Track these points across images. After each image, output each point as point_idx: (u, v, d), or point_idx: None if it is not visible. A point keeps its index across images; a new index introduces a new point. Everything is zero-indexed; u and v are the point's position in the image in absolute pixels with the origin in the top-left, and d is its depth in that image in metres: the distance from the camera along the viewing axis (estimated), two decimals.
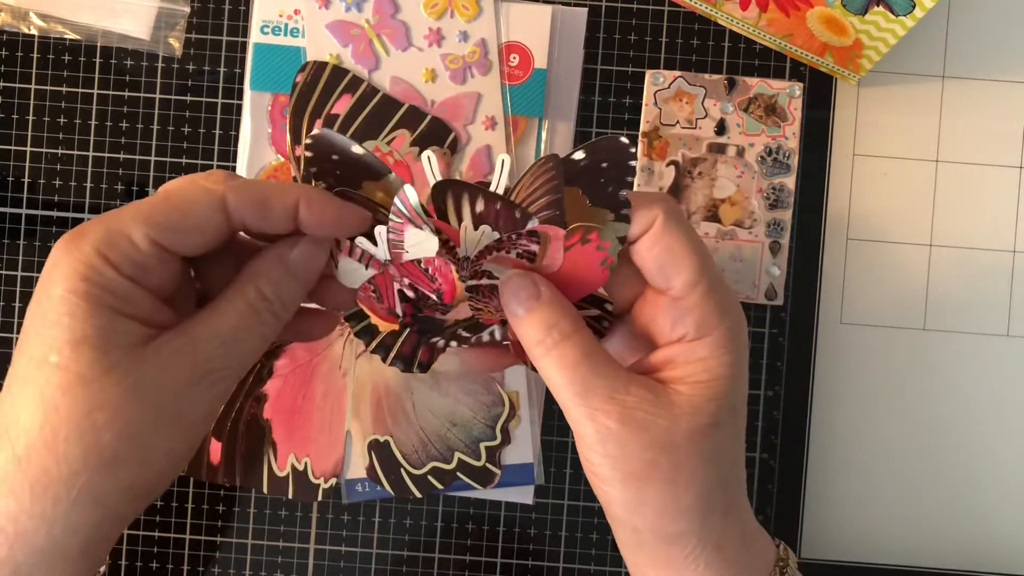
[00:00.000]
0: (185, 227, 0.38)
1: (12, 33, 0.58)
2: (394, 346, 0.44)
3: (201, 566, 0.57)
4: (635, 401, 0.39)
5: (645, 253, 0.40)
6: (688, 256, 0.39)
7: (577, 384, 0.39)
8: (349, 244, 0.41)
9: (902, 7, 0.47)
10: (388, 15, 0.56)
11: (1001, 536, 0.58)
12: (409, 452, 0.56)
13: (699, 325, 0.40)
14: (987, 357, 0.58)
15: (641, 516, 0.39)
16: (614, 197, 0.39)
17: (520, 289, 0.40)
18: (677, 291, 0.40)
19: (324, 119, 0.55)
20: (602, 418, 0.38)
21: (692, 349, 0.40)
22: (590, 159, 0.39)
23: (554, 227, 0.40)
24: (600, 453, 0.39)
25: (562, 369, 0.39)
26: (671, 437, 0.38)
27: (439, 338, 0.43)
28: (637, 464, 0.38)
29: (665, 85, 0.57)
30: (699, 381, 0.39)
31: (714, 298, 0.40)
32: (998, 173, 0.58)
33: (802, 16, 0.52)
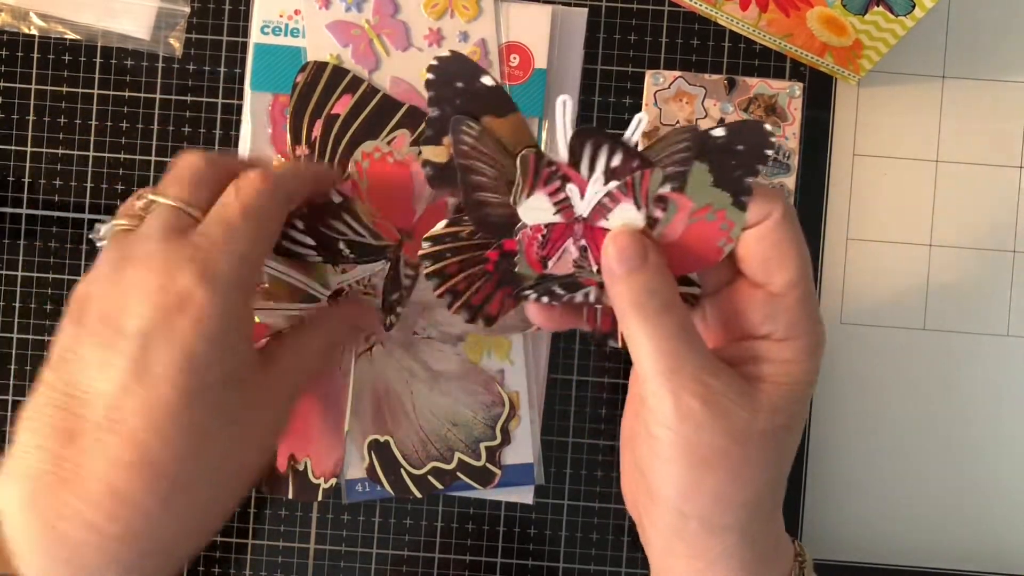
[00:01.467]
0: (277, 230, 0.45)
1: (12, 33, 0.58)
2: (465, 293, 0.44)
3: (201, 566, 0.57)
4: (722, 387, 0.38)
5: (753, 244, 0.39)
6: (794, 257, 0.39)
7: (668, 356, 0.38)
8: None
9: (902, 7, 0.47)
10: (388, 15, 0.56)
11: (1001, 536, 0.58)
12: (409, 452, 0.56)
13: (790, 326, 0.39)
14: (987, 357, 0.58)
15: (693, 502, 0.39)
16: (739, 182, 0.39)
17: (627, 247, 0.39)
18: (777, 288, 0.40)
19: (324, 119, 0.55)
20: (687, 396, 0.38)
21: (779, 349, 0.40)
22: (728, 139, 0.39)
23: (685, 198, 0.39)
24: (674, 431, 0.38)
25: (656, 338, 0.38)
26: (748, 430, 0.38)
27: (531, 291, 0.43)
28: (708, 450, 0.38)
29: (665, 85, 0.57)
30: (781, 383, 0.39)
31: (808, 304, 0.40)
32: (998, 173, 0.58)
33: (802, 16, 0.52)
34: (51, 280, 0.58)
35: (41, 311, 0.58)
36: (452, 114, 0.41)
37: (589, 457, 0.57)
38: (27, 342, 0.57)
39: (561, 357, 0.57)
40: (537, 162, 0.40)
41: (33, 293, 0.58)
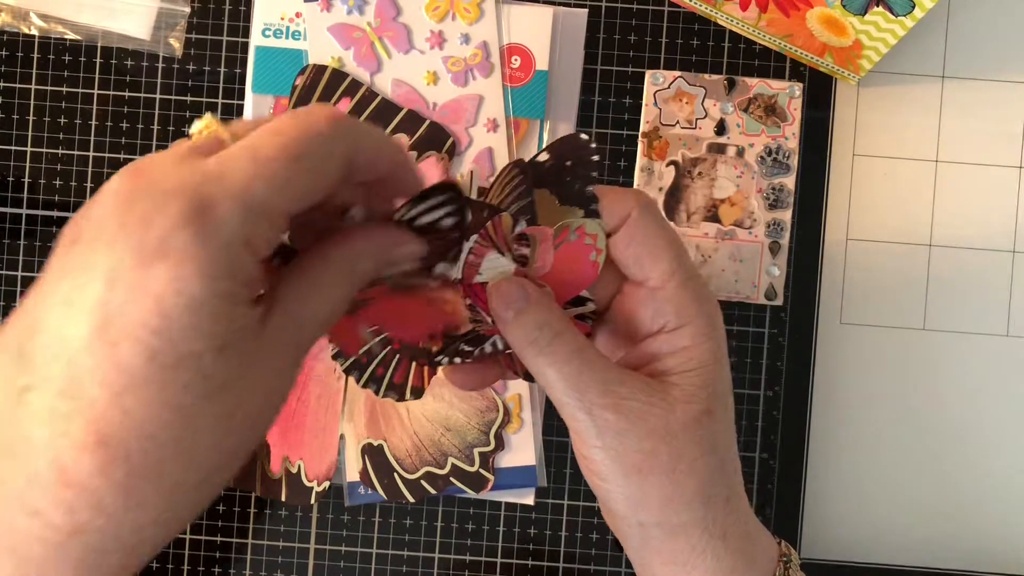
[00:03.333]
0: (318, 192, 0.34)
1: (12, 33, 0.58)
2: (385, 376, 0.43)
3: (201, 566, 0.57)
4: (630, 392, 0.39)
5: (622, 247, 0.40)
6: (664, 247, 0.40)
7: (571, 379, 0.39)
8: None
9: (902, 7, 0.47)
10: (390, 18, 0.56)
11: (1001, 536, 0.58)
12: (403, 456, 0.56)
13: (678, 313, 0.40)
14: (987, 357, 0.58)
15: (645, 509, 0.39)
16: (581, 194, 0.40)
17: (508, 293, 0.40)
18: (655, 281, 0.40)
19: None
20: (599, 411, 0.38)
21: (673, 339, 0.40)
22: (555, 160, 0.40)
23: (541, 228, 0.40)
24: (599, 447, 0.39)
25: (556, 366, 0.39)
26: (668, 426, 0.39)
27: (442, 356, 0.41)
28: (637, 456, 0.38)
29: (665, 85, 0.57)
30: (686, 371, 0.40)
31: (691, 287, 0.40)
32: (998, 173, 0.58)
33: (802, 16, 0.52)
34: None
35: None
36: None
37: None
38: None
39: None
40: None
41: None
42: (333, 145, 0.34)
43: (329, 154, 0.34)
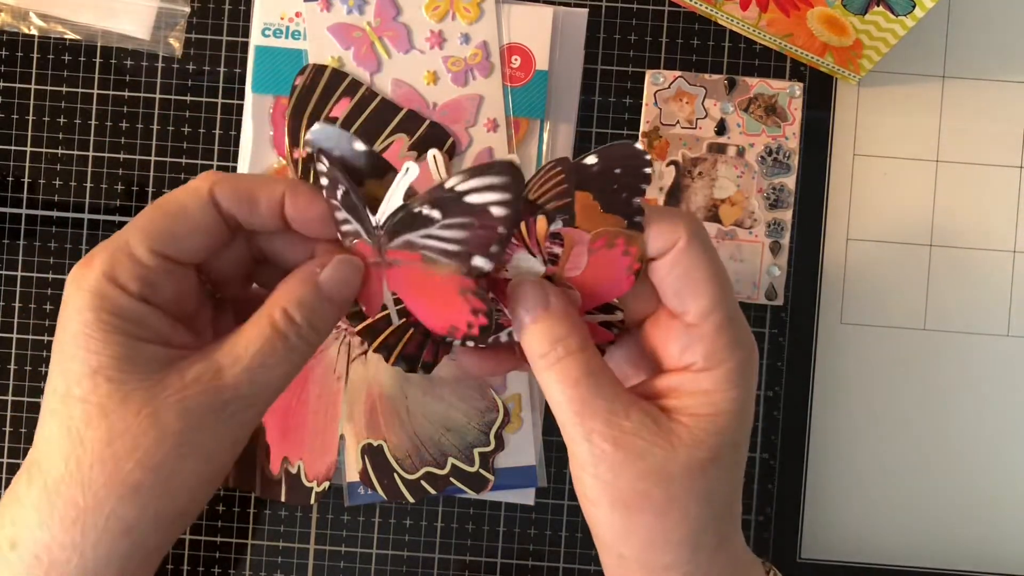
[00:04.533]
0: (181, 230, 0.38)
1: (12, 33, 0.58)
2: (397, 345, 0.42)
3: (201, 566, 0.57)
4: (633, 427, 0.37)
5: (664, 273, 0.39)
6: (707, 283, 0.38)
7: (576, 402, 0.37)
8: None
9: (902, 7, 0.47)
10: (390, 17, 0.56)
11: (1002, 536, 0.58)
12: (402, 457, 0.56)
13: (708, 356, 0.38)
14: (987, 357, 0.58)
15: (628, 544, 0.38)
16: (627, 204, 0.38)
17: (528, 297, 0.39)
18: (692, 318, 0.39)
19: (323, 122, 0.55)
20: (598, 440, 0.37)
21: (698, 380, 0.39)
22: (603, 164, 0.38)
23: (579, 231, 0.38)
24: (592, 475, 0.38)
25: (563, 385, 0.38)
26: (667, 469, 0.37)
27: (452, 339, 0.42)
28: (629, 493, 0.37)
29: (665, 85, 0.57)
30: (702, 414, 0.38)
31: (728, 331, 0.39)
32: (999, 173, 0.58)
33: (802, 16, 0.52)
34: (51, 280, 0.58)
35: (41, 311, 0.57)
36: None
37: None
38: (27, 342, 0.57)
39: None
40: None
41: (33, 293, 0.58)
42: (197, 187, 0.39)
43: (193, 193, 0.39)
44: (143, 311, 0.37)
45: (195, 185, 0.39)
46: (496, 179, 0.35)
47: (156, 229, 0.38)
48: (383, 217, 0.38)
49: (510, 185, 0.35)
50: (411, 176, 0.38)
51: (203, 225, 0.39)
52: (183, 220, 0.38)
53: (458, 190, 0.36)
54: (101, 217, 0.58)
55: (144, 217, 0.38)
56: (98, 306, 0.37)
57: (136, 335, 0.37)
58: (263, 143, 0.56)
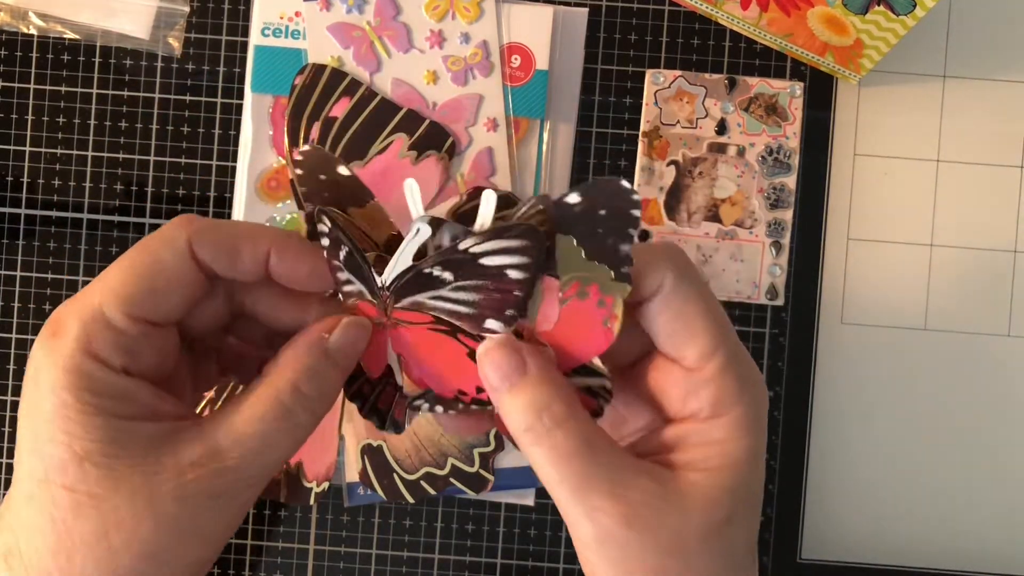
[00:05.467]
0: (160, 288, 0.34)
1: (11, 33, 0.58)
2: (370, 397, 0.40)
3: None
4: (641, 497, 0.33)
5: (653, 318, 0.35)
6: (702, 323, 0.35)
7: (573, 479, 0.33)
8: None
9: (903, 6, 0.47)
10: (389, 17, 0.56)
11: (1002, 536, 0.58)
12: (402, 457, 0.56)
13: (715, 403, 0.35)
14: (987, 357, 0.58)
15: None
16: (614, 252, 0.33)
17: (501, 362, 0.34)
18: (691, 362, 0.35)
19: (322, 122, 0.55)
20: (603, 518, 0.33)
21: (707, 430, 0.35)
22: (586, 204, 0.33)
23: (548, 278, 0.34)
24: (598, 555, 0.34)
25: (556, 462, 0.33)
26: (681, 538, 0.34)
27: (420, 401, 0.38)
28: (640, 570, 0.34)
29: (665, 85, 0.57)
30: (713, 468, 0.35)
31: (733, 372, 0.35)
32: (999, 173, 0.58)
33: (803, 16, 0.52)
34: (51, 280, 0.58)
35: (41, 311, 0.57)
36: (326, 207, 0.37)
37: None
38: (27, 342, 0.57)
39: None
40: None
41: (33, 293, 0.57)
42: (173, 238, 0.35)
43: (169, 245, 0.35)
44: (127, 385, 0.34)
45: (171, 235, 0.35)
46: (515, 243, 0.33)
47: (132, 290, 0.34)
48: (390, 278, 0.36)
49: (530, 249, 0.33)
50: (422, 237, 0.35)
51: (183, 281, 0.35)
52: (161, 278, 0.34)
53: (472, 252, 0.33)
54: (101, 217, 0.57)
55: (116, 276, 0.34)
56: (77, 385, 0.33)
57: (122, 414, 0.34)
58: (263, 143, 0.56)
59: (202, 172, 0.58)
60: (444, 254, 0.34)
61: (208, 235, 0.35)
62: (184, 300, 0.35)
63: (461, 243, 0.33)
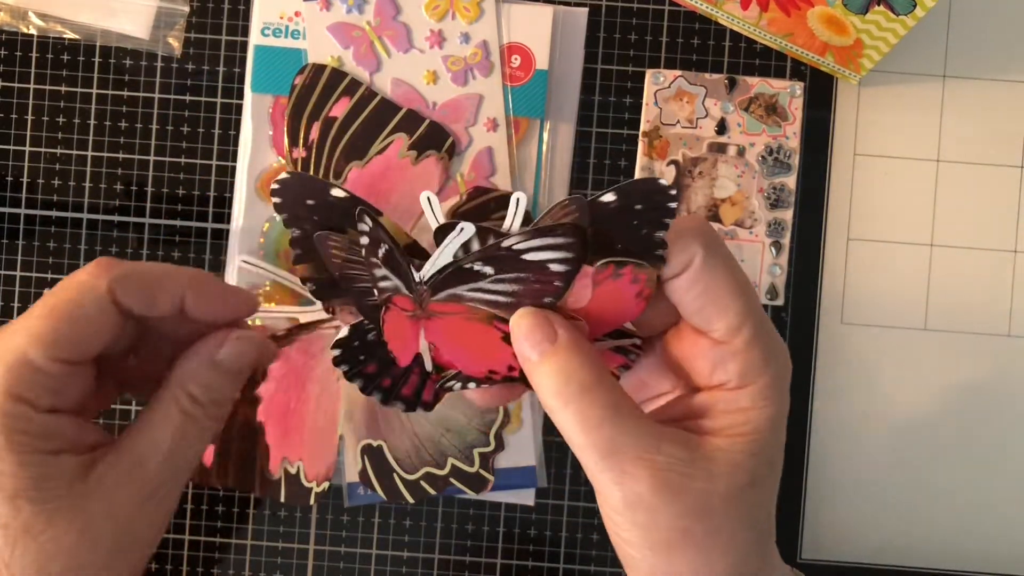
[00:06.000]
0: (81, 334, 0.37)
1: (11, 33, 0.58)
2: (393, 388, 0.41)
3: (201, 566, 0.57)
4: (667, 461, 0.35)
5: (683, 293, 0.36)
6: (731, 297, 0.36)
7: (601, 444, 0.34)
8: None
9: (903, 6, 0.47)
10: (389, 17, 0.56)
11: (1002, 536, 0.58)
12: (402, 457, 0.56)
13: (743, 373, 0.36)
14: (988, 357, 0.58)
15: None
16: (649, 239, 0.35)
17: (533, 330, 0.36)
18: (720, 335, 0.36)
19: (322, 121, 0.55)
20: (631, 483, 0.34)
21: (734, 398, 0.36)
22: (622, 202, 0.35)
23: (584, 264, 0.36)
24: (627, 519, 0.35)
25: (583, 427, 0.35)
26: (708, 501, 0.35)
27: (452, 382, 0.40)
28: (668, 532, 0.35)
29: (665, 85, 0.57)
30: (739, 434, 0.36)
31: (759, 343, 0.36)
32: (999, 173, 0.58)
33: (803, 15, 0.52)
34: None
35: None
36: (312, 231, 0.39)
37: None
38: None
39: None
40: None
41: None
42: (94, 286, 0.37)
43: (90, 292, 0.37)
44: (53, 422, 0.36)
45: (91, 282, 0.37)
46: (559, 240, 0.34)
47: (55, 336, 0.36)
48: (428, 273, 0.37)
49: (574, 245, 0.34)
50: (464, 236, 0.36)
51: (104, 324, 0.37)
52: (83, 322, 0.36)
53: (516, 249, 0.34)
54: (101, 217, 0.58)
55: (40, 321, 0.36)
56: (7, 426, 0.35)
57: (50, 449, 0.36)
58: (262, 142, 0.56)
59: (202, 172, 0.58)
60: (486, 251, 0.35)
61: (128, 281, 0.37)
62: (104, 340, 0.37)
63: (504, 241, 0.35)
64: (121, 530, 0.37)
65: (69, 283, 0.37)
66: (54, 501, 0.35)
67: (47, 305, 0.37)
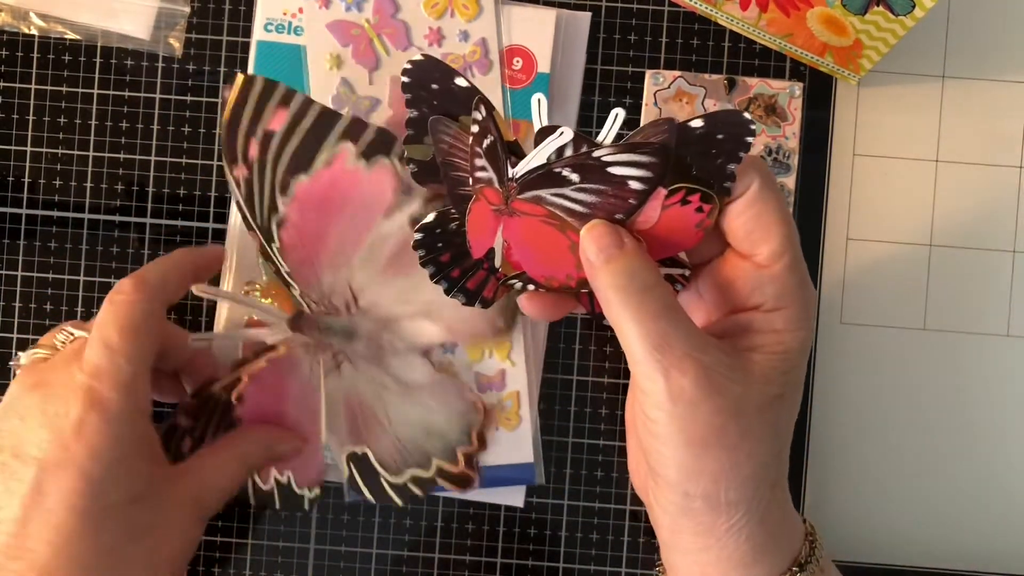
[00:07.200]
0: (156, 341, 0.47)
1: (12, 33, 0.58)
2: (460, 280, 0.45)
3: (201, 566, 0.57)
4: (712, 362, 0.38)
5: (735, 218, 0.39)
6: (778, 225, 0.39)
7: (655, 336, 0.37)
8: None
9: (902, 7, 0.47)
10: (388, 15, 0.56)
11: (1001, 536, 0.58)
12: (387, 461, 0.55)
13: (779, 296, 0.40)
14: (987, 357, 0.58)
15: (695, 481, 0.38)
16: (722, 169, 0.38)
17: (602, 236, 0.39)
18: (762, 259, 0.40)
19: (261, 138, 0.51)
20: (677, 375, 0.37)
21: (769, 319, 0.40)
22: (708, 128, 0.38)
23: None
24: (667, 411, 0.38)
25: (641, 319, 0.37)
26: (741, 404, 0.38)
27: (515, 280, 0.43)
28: (705, 428, 0.38)
29: (665, 85, 0.57)
30: (773, 352, 0.39)
31: (797, 271, 0.40)
32: (998, 173, 0.58)
33: (802, 16, 0.52)
34: (51, 280, 0.58)
35: (41, 311, 0.58)
36: (430, 115, 0.42)
37: (589, 457, 0.57)
38: (27, 342, 0.57)
39: (561, 357, 0.57)
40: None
41: (33, 293, 0.58)
42: (151, 302, 0.46)
43: (152, 308, 0.46)
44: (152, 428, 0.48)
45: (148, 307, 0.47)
46: (646, 158, 0.36)
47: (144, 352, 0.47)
48: (521, 171, 0.39)
49: (656, 165, 0.37)
50: (564, 139, 0.38)
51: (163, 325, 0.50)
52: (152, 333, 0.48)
53: (604, 160, 0.37)
54: (101, 217, 0.58)
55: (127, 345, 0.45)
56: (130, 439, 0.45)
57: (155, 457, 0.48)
58: None
59: (202, 172, 0.58)
60: (577, 158, 0.38)
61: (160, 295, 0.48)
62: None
63: (595, 151, 0.37)
64: (192, 531, 0.48)
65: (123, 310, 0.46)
66: (160, 501, 0.46)
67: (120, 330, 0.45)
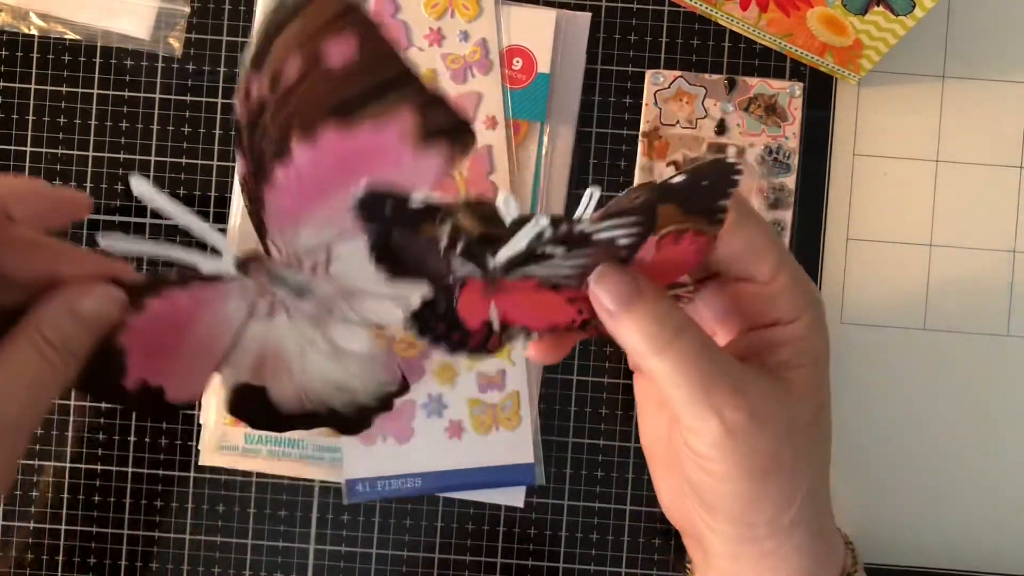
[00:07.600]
0: None
1: (12, 33, 0.58)
2: (461, 344, 0.43)
3: (201, 566, 0.57)
4: (759, 392, 0.37)
5: (723, 247, 0.39)
6: (766, 244, 0.39)
7: (698, 379, 0.36)
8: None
9: (902, 7, 0.47)
10: (388, 14, 0.56)
11: (1001, 536, 0.58)
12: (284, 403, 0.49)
13: (792, 308, 0.39)
14: (987, 357, 0.58)
15: (759, 510, 0.38)
16: (712, 207, 0.37)
17: (618, 284, 0.37)
18: (762, 278, 0.39)
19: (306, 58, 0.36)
20: (730, 412, 0.36)
21: (790, 331, 0.39)
22: (690, 181, 0.37)
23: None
24: (725, 449, 0.37)
25: (681, 366, 0.36)
26: (792, 427, 0.38)
27: (518, 335, 0.43)
28: (764, 458, 0.37)
29: (665, 85, 0.57)
30: (803, 364, 0.39)
31: (800, 280, 0.40)
32: (998, 173, 0.58)
33: (802, 16, 0.52)
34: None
35: None
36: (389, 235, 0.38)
37: (589, 457, 0.57)
38: None
39: None
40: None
41: None
42: None
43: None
44: None
45: None
46: (629, 219, 0.35)
47: None
48: (504, 259, 0.37)
49: (642, 223, 0.36)
50: (541, 226, 0.36)
51: None
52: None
53: (588, 231, 0.35)
54: (101, 217, 0.58)
55: None
56: None
57: None
58: None
59: (202, 172, 0.58)
60: (558, 238, 0.37)
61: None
62: None
63: (577, 227, 0.36)
64: None
65: None
66: None
67: None
